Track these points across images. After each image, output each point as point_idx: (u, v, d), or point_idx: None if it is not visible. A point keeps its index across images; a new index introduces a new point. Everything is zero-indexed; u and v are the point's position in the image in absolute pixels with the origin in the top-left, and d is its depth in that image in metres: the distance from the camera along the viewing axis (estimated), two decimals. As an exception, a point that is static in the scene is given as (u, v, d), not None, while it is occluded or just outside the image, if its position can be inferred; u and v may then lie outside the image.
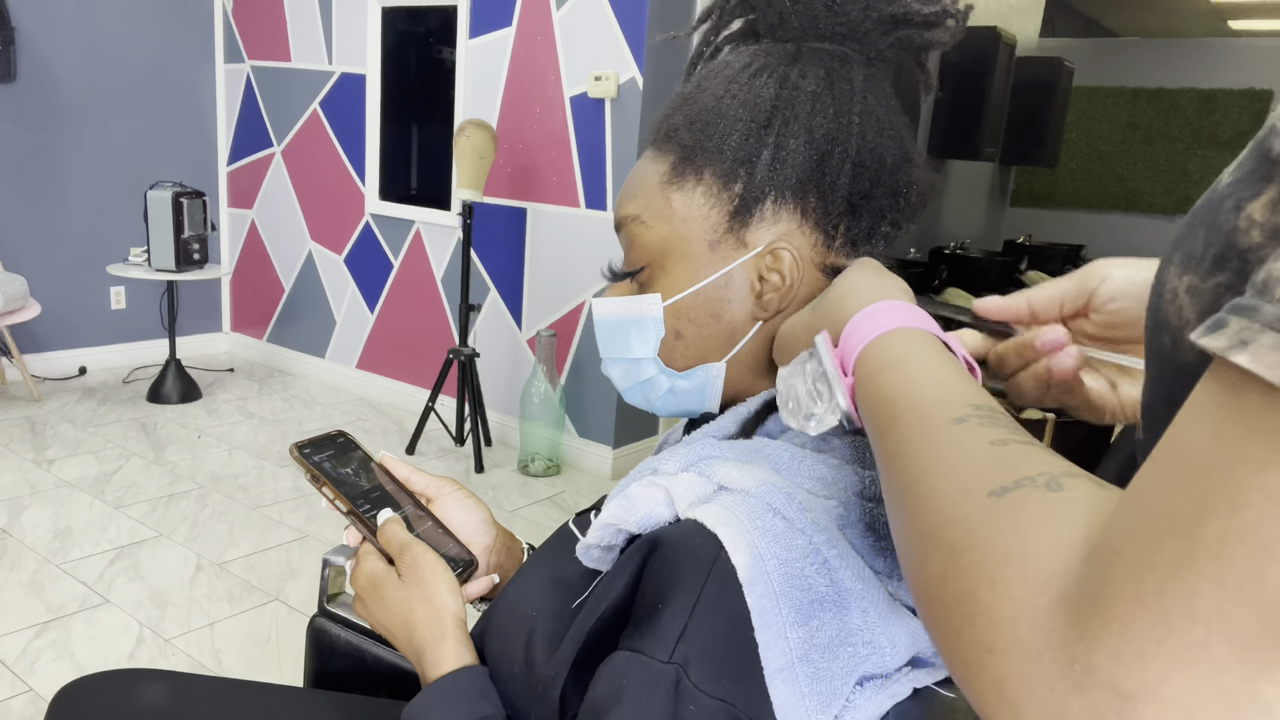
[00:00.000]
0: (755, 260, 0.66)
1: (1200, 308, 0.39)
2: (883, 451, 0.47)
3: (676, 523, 0.57)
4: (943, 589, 0.37)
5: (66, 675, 1.95)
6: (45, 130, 3.90)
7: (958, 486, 0.39)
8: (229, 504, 2.90)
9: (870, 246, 0.68)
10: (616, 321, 0.71)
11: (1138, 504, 0.31)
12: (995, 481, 0.38)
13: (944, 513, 0.39)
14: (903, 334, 0.52)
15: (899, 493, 0.44)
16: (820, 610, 0.53)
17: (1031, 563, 0.33)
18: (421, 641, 0.69)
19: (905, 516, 0.42)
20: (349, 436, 0.83)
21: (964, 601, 0.35)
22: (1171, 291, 0.41)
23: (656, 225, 0.68)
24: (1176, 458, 0.30)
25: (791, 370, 0.56)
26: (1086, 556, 0.32)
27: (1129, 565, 0.29)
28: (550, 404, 3.23)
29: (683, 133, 0.67)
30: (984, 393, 0.47)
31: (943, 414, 0.45)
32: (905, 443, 0.45)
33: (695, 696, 0.51)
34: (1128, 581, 0.29)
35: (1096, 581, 0.30)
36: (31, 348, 3.99)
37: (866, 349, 0.53)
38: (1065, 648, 0.30)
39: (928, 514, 0.40)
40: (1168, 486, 0.29)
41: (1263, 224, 0.35)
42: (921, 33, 0.67)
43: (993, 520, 0.36)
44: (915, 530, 0.41)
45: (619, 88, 3.10)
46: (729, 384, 0.69)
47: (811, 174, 0.64)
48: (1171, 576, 0.28)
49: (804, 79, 0.65)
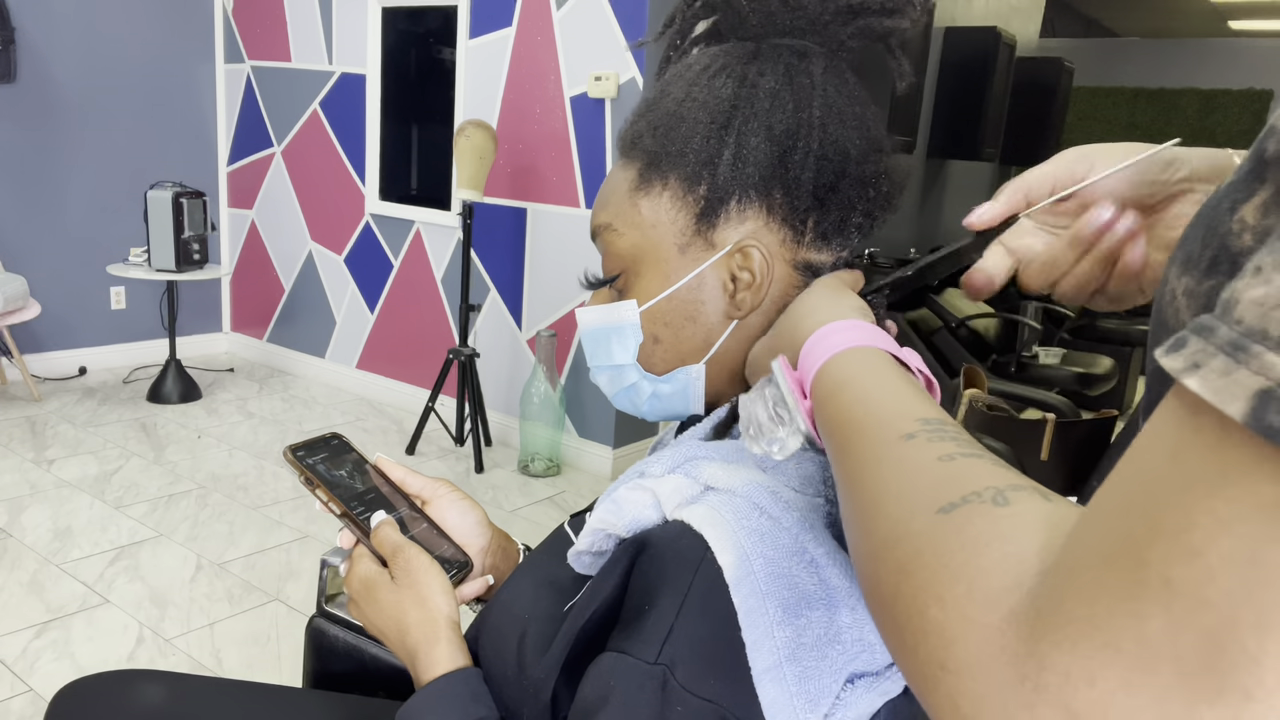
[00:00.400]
0: (725, 260, 0.66)
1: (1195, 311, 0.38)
2: (839, 474, 0.47)
3: (664, 524, 0.57)
4: (894, 607, 0.37)
5: (66, 675, 1.96)
6: (45, 130, 3.90)
7: (906, 505, 0.39)
8: (229, 504, 2.90)
9: (843, 239, 0.68)
10: (598, 330, 0.71)
11: (1096, 521, 0.30)
12: (943, 498, 0.38)
13: (893, 531, 0.39)
14: (856, 353, 0.53)
15: (854, 514, 0.44)
16: (808, 609, 0.53)
17: (981, 579, 0.33)
18: (415, 644, 0.69)
19: (860, 538, 0.42)
20: (343, 439, 0.83)
21: (915, 620, 0.35)
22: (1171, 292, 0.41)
23: (628, 232, 0.68)
24: (1135, 475, 0.30)
25: (752, 397, 0.56)
26: (1040, 572, 0.32)
27: (1082, 584, 0.29)
28: (550, 404, 3.23)
29: (647, 139, 0.68)
30: (935, 406, 0.47)
31: (892, 432, 0.45)
32: (858, 464, 0.45)
33: (683, 697, 0.51)
34: (1080, 601, 0.29)
35: (1050, 599, 0.30)
36: (31, 348, 3.99)
37: (821, 370, 0.53)
38: (1016, 665, 0.30)
39: (878, 534, 0.40)
40: (1124, 504, 0.29)
41: (1254, 227, 0.34)
42: (882, 20, 0.67)
43: (941, 538, 0.36)
44: (868, 550, 0.40)
45: (619, 88, 3.10)
46: (710, 384, 0.69)
47: (775, 170, 0.65)
48: (1123, 598, 0.28)
49: (762, 76, 0.65)
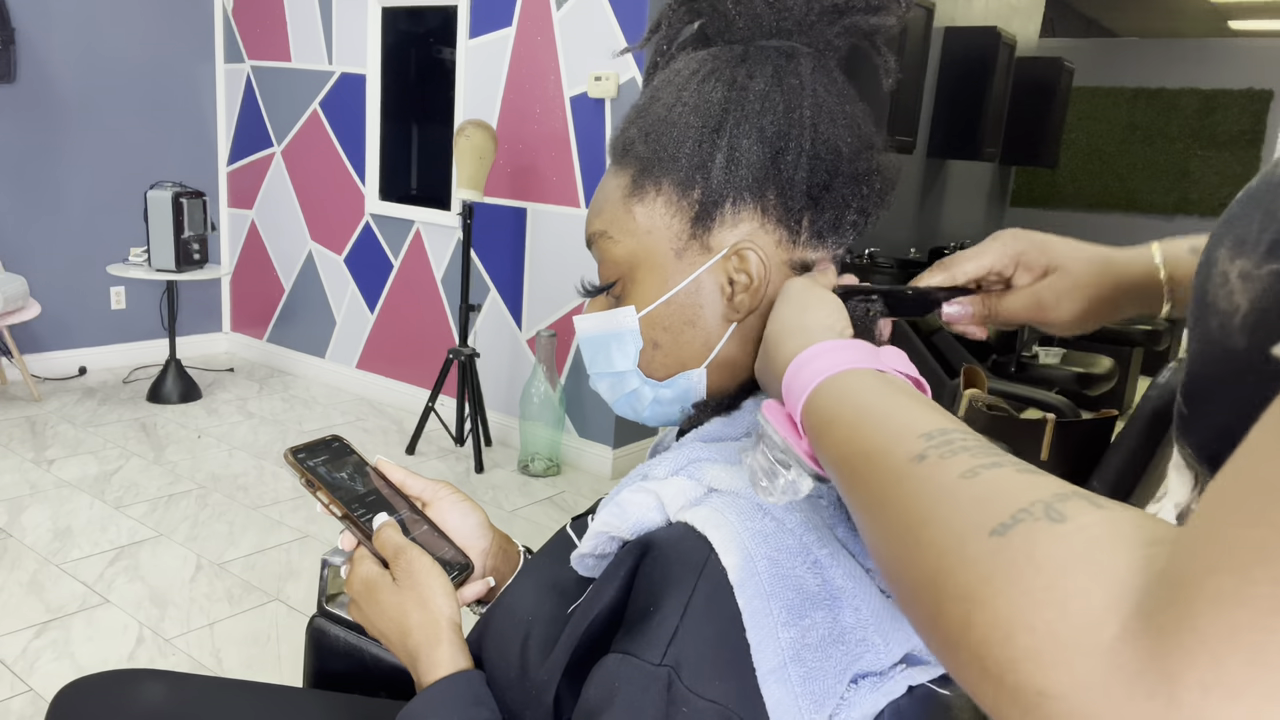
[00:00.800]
0: (722, 263, 0.66)
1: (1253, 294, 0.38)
2: (854, 507, 0.47)
3: (668, 526, 0.57)
4: (968, 636, 0.36)
5: (66, 675, 1.96)
6: (45, 130, 3.90)
7: (950, 532, 0.39)
8: (229, 504, 2.90)
9: (838, 237, 0.68)
10: (597, 337, 0.71)
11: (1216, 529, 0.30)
12: (990, 519, 0.37)
13: (943, 560, 0.38)
14: (835, 381, 0.52)
15: (883, 545, 0.43)
16: (812, 609, 0.53)
17: (1075, 602, 0.33)
18: (416, 646, 0.69)
19: (899, 569, 0.41)
20: (344, 441, 0.83)
21: (999, 649, 0.34)
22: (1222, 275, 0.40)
23: (623, 239, 0.68)
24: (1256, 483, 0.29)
25: (753, 450, 0.56)
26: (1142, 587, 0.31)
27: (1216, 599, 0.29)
28: (550, 404, 3.23)
29: (639, 145, 0.68)
30: (933, 412, 0.47)
31: (898, 456, 0.44)
32: (873, 497, 0.44)
33: (687, 698, 0.51)
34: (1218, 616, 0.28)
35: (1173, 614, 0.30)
36: (31, 348, 3.99)
37: (806, 407, 0.52)
38: (1140, 682, 0.30)
39: (924, 563, 0.39)
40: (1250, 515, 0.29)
41: None
42: (867, 18, 0.67)
43: (1007, 562, 0.35)
44: (914, 581, 0.40)
45: (619, 88, 3.10)
46: (711, 388, 0.69)
47: (767, 172, 0.65)
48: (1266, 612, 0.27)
49: (751, 79, 0.65)
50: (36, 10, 3.79)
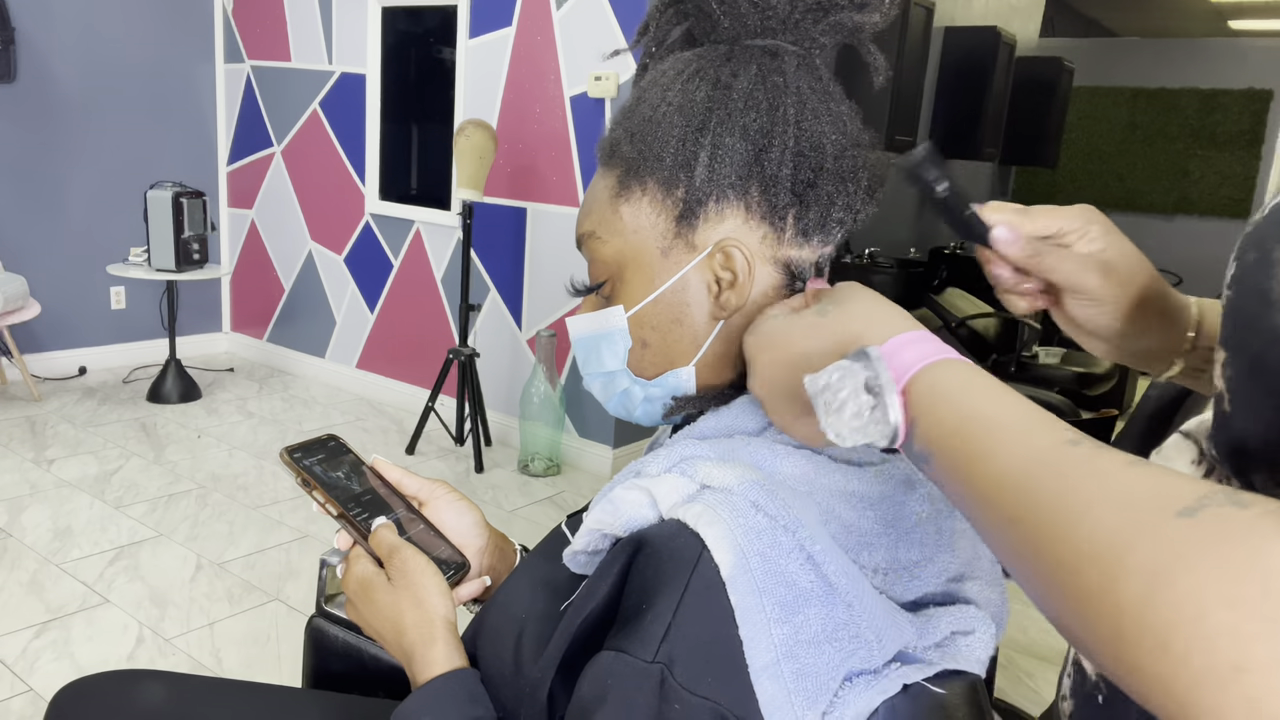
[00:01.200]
0: (707, 261, 0.66)
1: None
2: (975, 476, 0.46)
3: (661, 523, 0.57)
4: (1148, 613, 0.36)
5: (66, 675, 1.96)
6: (45, 130, 3.91)
7: (1130, 510, 0.39)
8: (229, 504, 2.90)
9: (824, 235, 0.68)
10: (588, 337, 0.72)
11: None
12: (1176, 502, 0.38)
13: (1118, 536, 0.38)
14: (951, 364, 0.52)
15: (1019, 518, 0.43)
16: (805, 606, 0.54)
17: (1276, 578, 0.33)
18: (411, 644, 0.69)
19: (1040, 543, 0.41)
20: (340, 440, 0.83)
21: (1188, 625, 0.35)
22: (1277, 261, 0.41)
23: (611, 239, 0.69)
24: None
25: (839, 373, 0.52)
26: None
27: None
28: (550, 404, 3.23)
29: (625, 146, 0.68)
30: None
31: (1051, 438, 0.44)
32: (1014, 468, 0.44)
33: (680, 695, 0.51)
34: None
35: None
36: (31, 348, 4.00)
37: (919, 376, 0.51)
38: None
39: (1088, 539, 0.39)
40: None
41: None
42: (852, 15, 0.67)
43: (1200, 540, 0.36)
44: (1064, 556, 0.40)
45: (619, 88, 3.10)
46: (700, 386, 0.69)
47: (751, 169, 0.65)
48: None
49: (735, 78, 0.65)
50: (36, 10, 3.79)
